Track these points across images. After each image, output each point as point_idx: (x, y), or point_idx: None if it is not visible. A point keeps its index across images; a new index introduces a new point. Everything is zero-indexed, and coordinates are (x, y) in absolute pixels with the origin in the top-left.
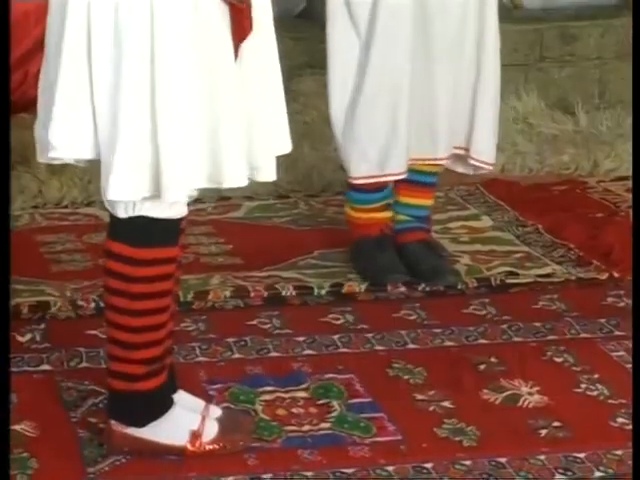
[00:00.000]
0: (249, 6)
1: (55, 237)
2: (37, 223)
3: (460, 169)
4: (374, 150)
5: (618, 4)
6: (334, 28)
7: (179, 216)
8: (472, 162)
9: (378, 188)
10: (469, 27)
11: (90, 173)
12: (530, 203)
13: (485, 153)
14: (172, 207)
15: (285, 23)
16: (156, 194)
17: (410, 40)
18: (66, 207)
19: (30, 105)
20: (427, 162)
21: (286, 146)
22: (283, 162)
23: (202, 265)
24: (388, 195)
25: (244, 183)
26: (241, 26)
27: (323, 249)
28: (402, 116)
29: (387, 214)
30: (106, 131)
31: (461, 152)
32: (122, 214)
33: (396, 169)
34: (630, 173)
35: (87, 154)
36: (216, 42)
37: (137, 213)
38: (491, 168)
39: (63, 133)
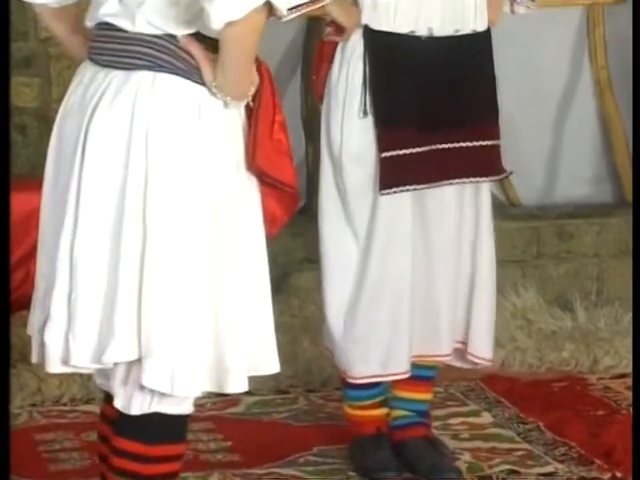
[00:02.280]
0: (297, 192)
1: (53, 435)
2: (35, 421)
3: (458, 363)
4: (376, 351)
5: (614, 203)
6: (330, 232)
7: (189, 412)
8: (470, 358)
9: (373, 385)
10: (465, 227)
11: None
12: (531, 400)
13: (483, 349)
14: (184, 402)
15: None
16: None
17: (410, 242)
18: (65, 404)
19: (30, 304)
20: (431, 359)
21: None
22: (283, 356)
23: (201, 462)
24: (383, 391)
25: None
26: (275, 217)
27: (323, 445)
28: (404, 317)
29: (383, 411)
30: (151, 330)
31: (460, 346)
32: (136, 411)
33: (399, 369)
34: (630, 370)
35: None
36: (252, 227)
37: (152, 410)
38: (489, 364)
39: (89, 341)
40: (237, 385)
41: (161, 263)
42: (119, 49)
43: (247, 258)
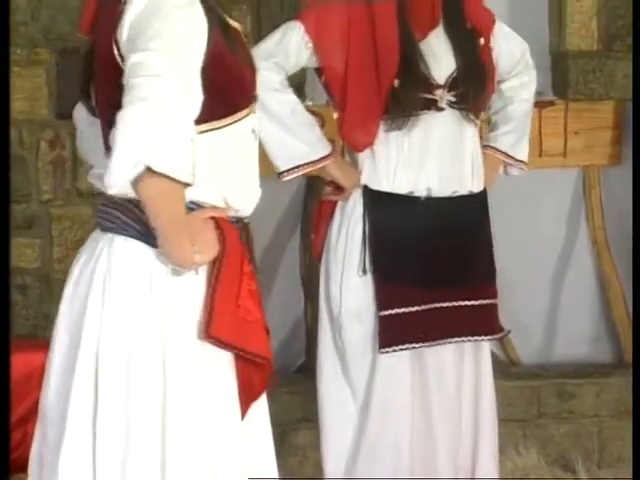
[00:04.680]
0: (270, 363)
1: None
2: None
3: None
4: None
5: (613, 363)
6: (328, 389)
7: None
8: None
9: None
10: (465, 386)
11: None
12: None
13: None
14: None
15: (284, 378)
16: None
17: (409, 400)
18: None
19: (27, 466)
20: None
21: None
22: None
23: None
24: None
25: None
26: (254, 385)
27: None
28: (403, 476)
29: None
30: None
31: None
32: None
33: None
34: None
35: None
36: (225, 401)
37: None
38: None
39: None
40: None
41: (111, 428)
42: (101, 210)
43: (214, 430)
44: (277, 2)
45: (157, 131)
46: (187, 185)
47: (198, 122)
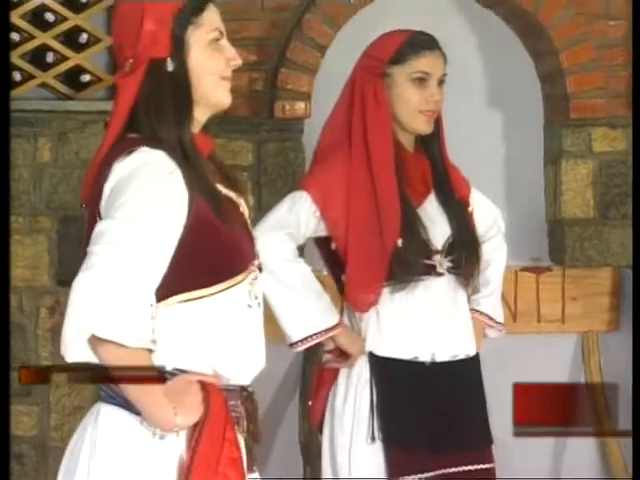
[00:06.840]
0: None
1: None
2: None
3: None
4: None
5: None
6: None
7: None
8: None
9: None
10: None
11: None
12: None
13: None
14: None
15: None
16: None
17: None
18: None
19: None
20: None
21: None
22: None
23: None
24: None
25: None
26: None
27: None
28: None
29: None
30: None
31: None
32: None
33: None
34: None
35: None
36: None
37: None
38: None
39: None
40: None
41: None
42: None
43: None
44: (276, 170)
45: (103, 298)
46: (149, 350)
47: (185, 290)
